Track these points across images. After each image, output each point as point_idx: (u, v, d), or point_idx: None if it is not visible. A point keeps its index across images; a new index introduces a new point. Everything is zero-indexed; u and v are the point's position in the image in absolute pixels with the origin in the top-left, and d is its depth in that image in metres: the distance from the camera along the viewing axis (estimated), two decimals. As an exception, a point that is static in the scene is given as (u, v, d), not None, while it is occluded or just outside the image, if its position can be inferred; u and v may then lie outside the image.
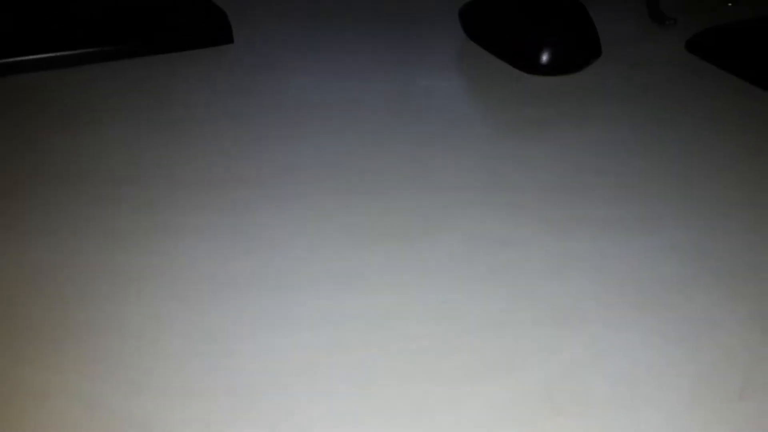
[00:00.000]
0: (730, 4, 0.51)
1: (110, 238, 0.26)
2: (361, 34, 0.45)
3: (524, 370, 0.21)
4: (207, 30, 0.41)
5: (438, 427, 0.20)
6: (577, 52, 0.41)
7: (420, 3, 0.52)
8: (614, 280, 0.25)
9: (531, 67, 0.40)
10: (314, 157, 0.31)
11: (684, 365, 0.22)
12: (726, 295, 0.24)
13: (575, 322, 0.23)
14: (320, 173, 0.30)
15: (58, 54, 0.37)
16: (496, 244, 0.26)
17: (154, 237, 0.26)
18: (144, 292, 0.23)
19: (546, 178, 0.31)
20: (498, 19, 0.43)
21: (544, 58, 0.40)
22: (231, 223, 0.27)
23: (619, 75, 0.41)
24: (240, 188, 0.29)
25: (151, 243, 0.26)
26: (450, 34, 0.46)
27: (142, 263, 0.25)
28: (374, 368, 0.21)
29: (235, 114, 0.34)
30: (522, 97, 0.38)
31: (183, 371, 0.21)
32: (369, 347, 0.22)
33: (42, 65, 0.37)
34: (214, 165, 0.30)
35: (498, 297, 0.24)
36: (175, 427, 0.19)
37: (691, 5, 0.51)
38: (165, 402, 0.20)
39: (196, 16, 0.42)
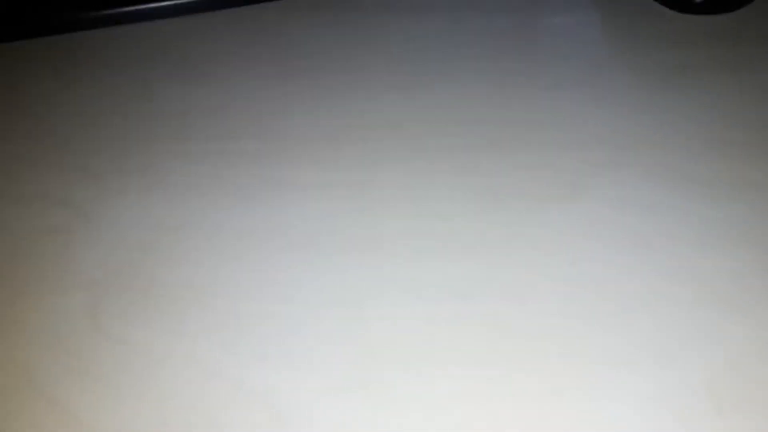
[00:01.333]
0: None
1: (232, 194, 0.25)
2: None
3: (680, 360, 0.19)
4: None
5: (571, 417, 0.18)
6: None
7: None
8: (786, 256, 0.22)
9: (682, 4, 0.36)
10: (441, 107, 0.29)
11: None
12: None
13: (740, 303, 0.20)
14: (448, 126, 0.28)
15: (178, 2, 0.37)
16: (642, 210, 0.24)
17: (277, 193, 0.25)
18: (267, 251, 0.22)
19: (696, 133, 0.27)
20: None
21: (698, -6, 0.35)
22: (353, 180, 0.25)
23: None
24: (360, 143, 0.27)
25: (273, 199, 0.24)
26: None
27: (263, 220, 0.24)
28: (507, 347, 0.19)
29: (357, 63, 0.32)
30: (671, 38, 0.34)
31: (306, 338, 0.20)
32: (500, 323, 0.20)
33: (161, 13, 0.37)
34: (335, 118, 0.29)
35: (647, 272, 0.21)
36: (298, 395, 0.18)
37: None
38: (288, 372, 0.19)
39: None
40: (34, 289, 0.21)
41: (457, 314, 0.20)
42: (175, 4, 0.37)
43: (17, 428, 0.18)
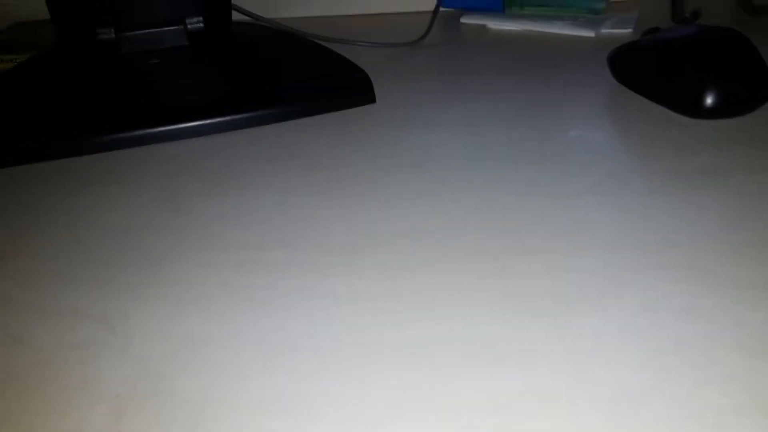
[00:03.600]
0: None
1: (261, 304, 0.25)
2: (501, 83, 0.43)
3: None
4: (350, 91, 0.41)
5: None
6: (746, 90, 0.37)
7: (561, 52, 0.50)
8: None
9: (694, 110, 0.37)
10: (465, 215, 0.29)
11: None
12: None
13: (787, 411, 0.19)
14: (464, 235, 0.28)
15: (207, 122, 0.38)
16: (675, 314, 0.23)
17: (305, 303, 0.25)
18: (295, 363, 0.22)
19: (724, 235, 0.27)
20: (654, 61, 0.39)
21: (710, 99, 0.36)
22: (380, 289, 0.25)
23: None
24: (381, 252, 0.27)
25: (301, 310, 0.24)
26: (598, 80, 0.43)
27: (293, 332, 0.23)
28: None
29: (379, 174, 0.33)
30: (685, 144, 0.35)
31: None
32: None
33: (191, 133, 0.38)
34: (359, 227, 0.29)
35: (689, 381, 0.21)
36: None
37: None
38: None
39: (340, 78, 0.42)
40: (58, 403, 0.21)
41: (493, 426, 0.19)
42: (194, 126, 0.38)
43: None
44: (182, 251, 0.28)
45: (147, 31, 0.46)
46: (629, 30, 0.52)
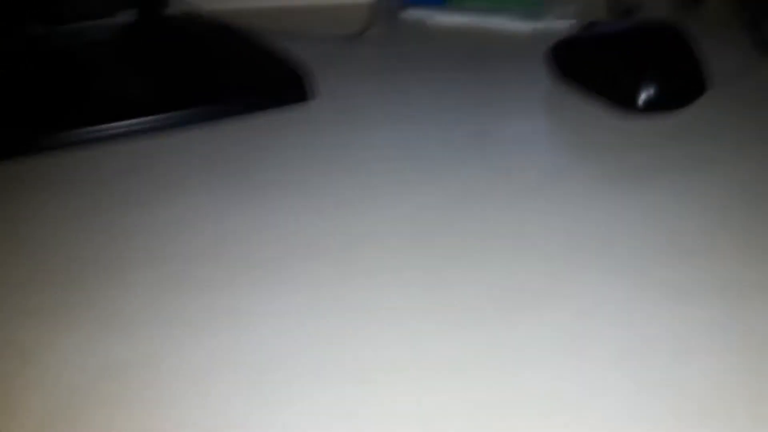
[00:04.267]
0: None
1: (189, 325, 0.24)
2: (440, 80, 0.43)
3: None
4: (283, 90, 0.40)
5: None
6: (681, 87, 0.37)
7: (501, 47, 0.50)
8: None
9: (630, 106, 0.37)
10: (401, 221, 0.29)
11: None
12: None
13: (717, 409, 0.19)
14: (410, 241, 0.27)
15: (132, 122, 0.37)
16: (614, 316, 0.23)
17: (239, 323, 0.24)
18: (225, 389, 0.21)
19: (658, 235, 0.27)
20: (592, 56, 0.39)
21: (644, 95, 0.36)
22: (310, 302, 0.24)
23: (729, 112, 0.37)
24: (312, 260, 0.26)
25: (234, 330, 0.23)
26: (536, 75, 0.43)
27: (221, 355, 0.22)
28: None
29: (315, 175, 0.32)
30: (621, 140, 0.35)
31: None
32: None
33: (115, 135, 0.36)
34: (295, 235, 0.28)
35: (625, 383, 0.21)
36: None
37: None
38: None
39: (273, 75, 0.41)
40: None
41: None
42: (118, 126, 0.36)
43: None
44: (102, 268, 0.26)
45: (77, 24, 0.45)
46: (568, 24, 0.52)
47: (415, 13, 0.56)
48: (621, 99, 0.37)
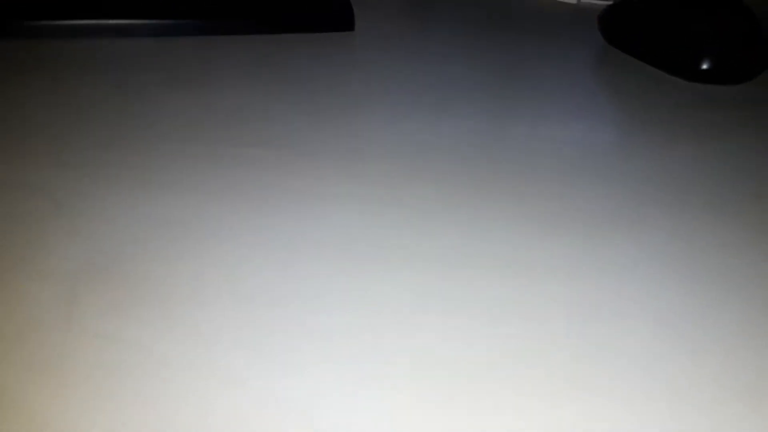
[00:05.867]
0: None
1: (239, 197, 0.21)
2: (485, 40, 0.41)
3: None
4: (331, 15, 0.38)
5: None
6: (745, 59, 0.36)
7: (545, 15, 0.49)
8: None
9: (689, 72, 0.36)
10: (453, 134, 0.27)
11: None
12: None
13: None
14: (462, 150, 0.26)
15: (188, 21, 0.34)
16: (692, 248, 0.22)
17: (287, 200, 0.22)
18: (278, 254, 0.19)
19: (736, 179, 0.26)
20: (648, 22, 0.38)
21: (707, 63, 0.35)
22: (360, 192, 0.22)
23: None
24: (374, 162, 0.24)
25: (282, 206, 0.21)
26: (586, 40, 0.42)
27: (271, 225, 0.20)
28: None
29: (354, 93, 0.30)
30: (682, 103, 0.33)
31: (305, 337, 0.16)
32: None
33: (171, 31, 0.34)
34: (334, 137, 0.26)
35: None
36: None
37: None
38: (308, 377, 0.15)
39: (322, 2, 0.39)
40: (4, 276, 0.17)
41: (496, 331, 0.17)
42: (182, 23, 0.34)
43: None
44: (152, 139, 0.24)
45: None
46: (610, 1, 0.51)
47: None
48: (678, 67, 0.36)
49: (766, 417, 0.15)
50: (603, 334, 0.17)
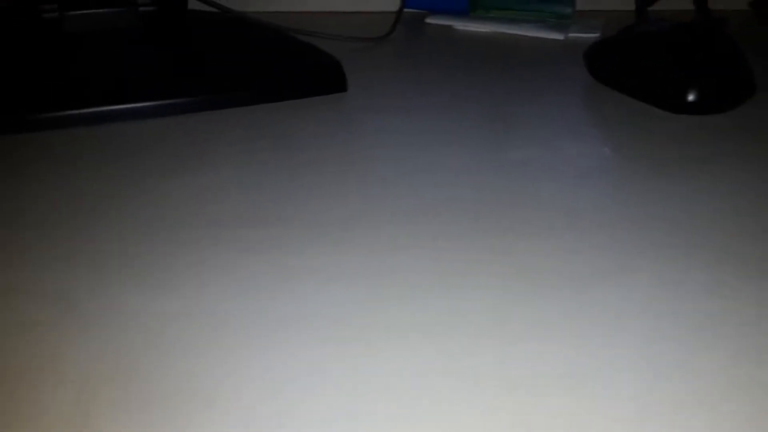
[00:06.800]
0: None
1: (240, 282, 0.22)
2: (474, 78, 0.42)
3: None
4: (322, 77, 0.39)
5: None
6: (729, 89, 0.37)
7: (532, 53, 0.49)
8: None
9: (675, 106, 0.36)
10: (455, 198, 0.27)
11: None
12: None
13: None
14: (465, 212, 0.26)
15: (174, 101, 0.35)
16: (687, 293, 0.22)
17: (288, 280, 0.22)
18: (280, 342, 0.19)
19: (725, 216, 0.26)
20: (633, 57, 0.39)
21: (693, 95, 0.36)
22: (367, 266, 0.23)
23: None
24: (372, 230, 0.25)
25: (284, 287, 0.22)
26: (572, 77, 0.42)
27: (275, 309, 0.21)
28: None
29: (349, 155, 0.31)
30: (670, 136, 0.34)
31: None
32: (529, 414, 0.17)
33: (158, 112, 0.35)
34: (327, 207, 0.27)
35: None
36: None
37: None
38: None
39: (311, 63, 0.40)
40: (21, 383, 0.18)
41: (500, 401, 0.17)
42: (149, 106, 0.35)
43: None
44: (150, 228, 0.25)
45: (93, 11, 0.43)
46: (597, 35, 0.52)
47: (440, 20, 0.56)
48: (666, 99, 0.37)
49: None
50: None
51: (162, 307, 0.21)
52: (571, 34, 0.52)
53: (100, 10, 0.44)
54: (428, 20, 0.56)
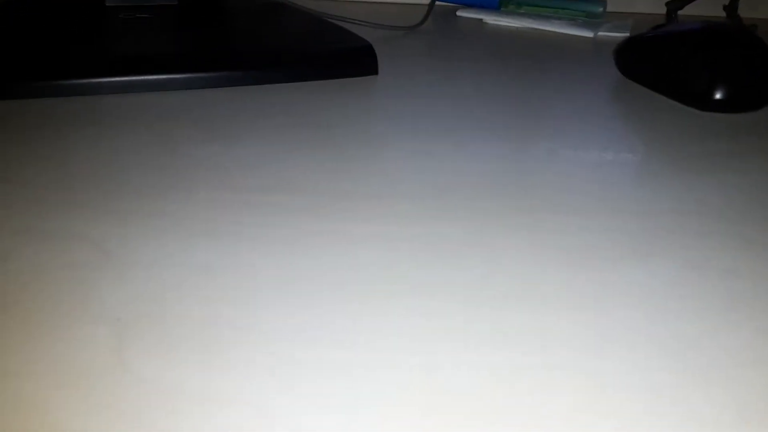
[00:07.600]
0: None
1: (274, 242, 0.23)
2: (504, 70, 0.43)
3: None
4: (354, 59, 0.40)
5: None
6: (757, 88, 0.37)
7: (562, 48, 0.50)
8: None
9: (702, 104, 0.37)
10: (483, 172, 0.28)
11: None
12: None
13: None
14: (496, 188, 0.27)
15: (198, 75, 0.36)
16: (715, 273, 0.22)
17: (323, 243, 0.23)
18: (311, 295, 0.20)
19: (760, 202, 0.27)
20: (662, 54, 0.39)
21: (720, 93, 0.36)
22: (401, 233, 0.24)
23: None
24: (405, 202, 0.26)
25: (319, 249, 0.23)
26: (602, 73, 0.43)
27: (307, 267, 0.22)
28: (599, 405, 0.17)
29: (374, 137, 0.32)
30: (697, 132, 0.34)
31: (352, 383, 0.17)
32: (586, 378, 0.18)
33: (195, 84, 0.36)
34: (357, 181, 0.27)
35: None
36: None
37: None
38: (345, 416, 0.16)
39: (344, 46, 0.41)
40: (55, 322, 0.19)
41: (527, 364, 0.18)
42: (183, 78, 0.36)
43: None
44: (188, 189, 0.26)
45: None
46: (626, 34, 0.52)
47: (471, 13, 0.57)
48: (694, 97, 0.37)
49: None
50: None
51: (199, 258, 0.22)
52: (600, 33, 0.53)
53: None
54: (459, 13, 0.57)
